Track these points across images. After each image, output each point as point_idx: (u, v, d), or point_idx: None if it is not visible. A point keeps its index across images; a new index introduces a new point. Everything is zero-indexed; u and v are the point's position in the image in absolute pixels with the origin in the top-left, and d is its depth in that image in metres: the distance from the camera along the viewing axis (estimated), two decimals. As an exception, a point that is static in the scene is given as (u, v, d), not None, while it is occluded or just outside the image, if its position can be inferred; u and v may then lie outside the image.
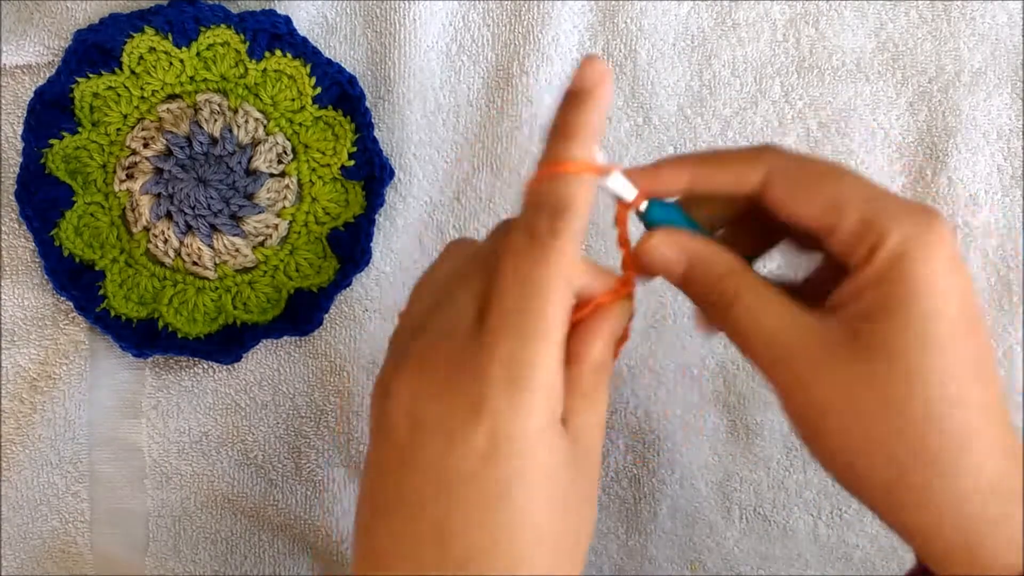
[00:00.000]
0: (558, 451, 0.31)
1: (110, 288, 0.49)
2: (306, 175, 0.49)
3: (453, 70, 0.51)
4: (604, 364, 0.33)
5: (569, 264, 0.30)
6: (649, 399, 0.51)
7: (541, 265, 0.30)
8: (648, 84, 0.51)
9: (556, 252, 0.30)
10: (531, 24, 0.50)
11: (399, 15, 0.50)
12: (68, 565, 0.50)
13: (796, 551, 0.52)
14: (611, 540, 0.52)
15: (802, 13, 0.51)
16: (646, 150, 0.51)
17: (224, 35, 0.49)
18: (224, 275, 0.49)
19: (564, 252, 0.30)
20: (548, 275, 0.30)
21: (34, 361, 0.50)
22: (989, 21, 0.51)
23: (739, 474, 0.52)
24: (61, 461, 0.50)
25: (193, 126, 0.48)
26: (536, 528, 0.30)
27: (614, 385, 0.51)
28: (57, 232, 0.48)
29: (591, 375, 0.32)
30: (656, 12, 0.51)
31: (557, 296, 0.30)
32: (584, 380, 0.32)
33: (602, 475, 0.51)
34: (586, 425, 0.32)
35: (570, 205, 0.31)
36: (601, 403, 0.33)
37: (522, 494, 0.30)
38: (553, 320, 0.30)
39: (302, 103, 0.49)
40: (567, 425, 0.32)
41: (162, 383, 0.50)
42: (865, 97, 0.51)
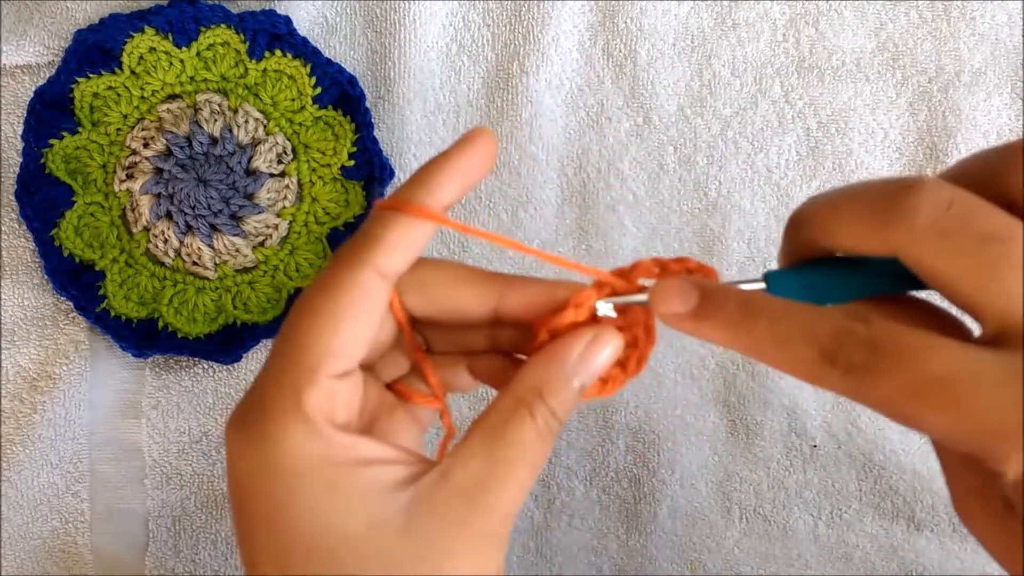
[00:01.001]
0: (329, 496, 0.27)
1: (110, 288, 0.49)
2: (306, 175, 0.49)
3: (453, 70, 0.51)
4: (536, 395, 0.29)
5: (348, 291, 0.28)
6: (649, 399, 0.51)
7: (312, 289, 0.29)
8: (648, 84, 0.51)
9: (331, 278, 0.29)
10: (531, 24, 0.50)
11: (399, 15, 0.50)
12: (68, 565, 0.50)
13: (796, 551, 0.52)
14: (611, 540, 0.52)
15: (802, 13, 0.51)
16: (646, 150, 0.51)
17: (224, 35, 0.49)
18: (224, 275, 0.49)
19: (338, 279, 0.28)
20: (312, 299, 0.29)
21: (34, 361, 0.50)
22: (989, 21, 0.51)
23: (739, 474, 0.52)
24: (61, 461, 0.50)
25: (193, 126, 0.48)
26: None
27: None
28: (57, 232, 0.48)
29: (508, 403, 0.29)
30: (656, 12, 0.51)
31: (317, 322, 0.28)
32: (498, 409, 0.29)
33: (602, 475, 0.51)
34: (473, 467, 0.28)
35: (367, 235, 0.29)
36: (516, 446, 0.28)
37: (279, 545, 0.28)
38: (305, 350, 0.28)
39: (302, 103, 0.49)
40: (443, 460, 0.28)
41: (162, 383, 0.50)
42: (865, 97, 0.51)
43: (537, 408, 0.29)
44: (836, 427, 0.52)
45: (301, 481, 0.28)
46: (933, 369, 0.25)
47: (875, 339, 0.26)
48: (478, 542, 0.27)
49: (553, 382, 0.29)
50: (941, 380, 0.25)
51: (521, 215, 0.51)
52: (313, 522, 0.27)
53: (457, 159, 0.30)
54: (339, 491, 0.28)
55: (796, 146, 0.51)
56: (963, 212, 0.26)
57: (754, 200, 0.51)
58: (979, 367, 0.25)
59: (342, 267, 0.29)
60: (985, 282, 0.25)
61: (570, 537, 0.51)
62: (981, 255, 0.25)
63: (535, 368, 0.30)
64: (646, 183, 0.51)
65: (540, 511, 0.51)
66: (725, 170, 0.51)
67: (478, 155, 0.30)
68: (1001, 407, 0.24)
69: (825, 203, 0.28)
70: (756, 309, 0.27)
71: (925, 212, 0.26)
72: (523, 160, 0.51)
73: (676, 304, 0.28)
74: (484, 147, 0.30)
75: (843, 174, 0.51)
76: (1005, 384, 0.24)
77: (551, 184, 0.51)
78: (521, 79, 0.51)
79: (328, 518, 0.27)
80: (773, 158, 0.51)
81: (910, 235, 0.26)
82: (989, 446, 0.25)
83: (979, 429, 0.25)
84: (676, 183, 0.51)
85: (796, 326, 0.27)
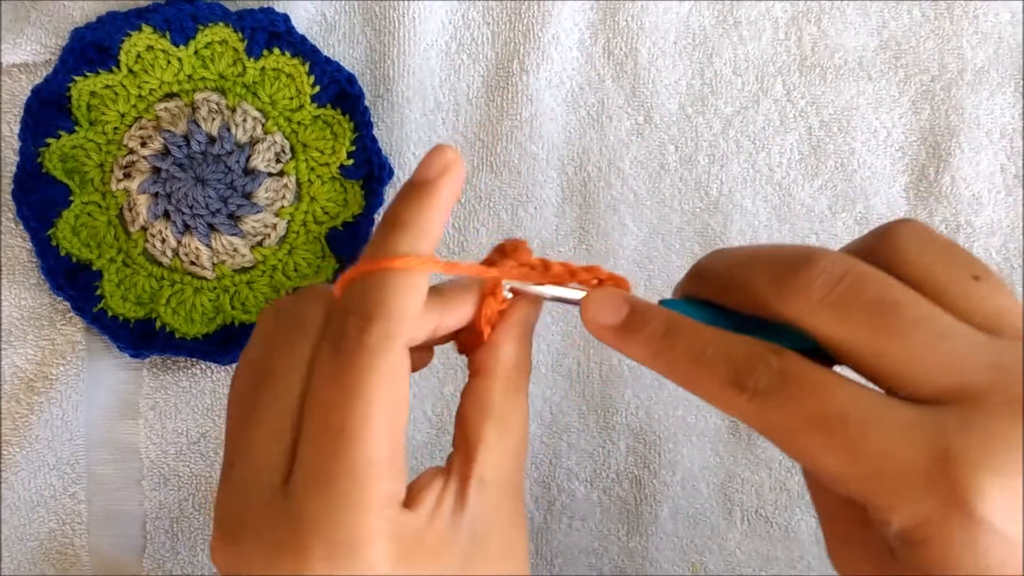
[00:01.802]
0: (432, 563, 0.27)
1: (107, 288, 0.48)
2: (304, 174, 0.49)
3: (453, 68, 0.51)
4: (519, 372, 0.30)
5: (390, 381, 0.26)
6: (650, 400, 0.51)
7: (350, 394, 0.26)
8: (649, 83, 0.51)
9: (368, 371, 0.26)
10: (531, 22, 0.50)
11: (398, 13, 0.50)
12: (65, 566, 0.50)
13: (798, 553, 0.51)
14: (612, 542, 0.51)
15: (804, 11, 0.51)
16: (647, 149, 0.51)
17: (222, 33, 0.48)
18: (222, 275, 0.49)
19: (378, 369, 0.26)
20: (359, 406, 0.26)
21: (31, 361, 0.49)
22: (992, 19, 0.51)
23: (741, 475, 0.51)
24: (58, 462, 0.50)
25: (191, 125, 0.48)
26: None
27: (615, 386, 0.51)
28: (54, 232, 0.48)
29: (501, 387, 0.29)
30: (657, 10, 0.51)
31: (375, 428, 0.26)
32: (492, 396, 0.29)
33: (603, 477, 0.51)
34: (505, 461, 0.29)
35: (387, 308, 0.26)
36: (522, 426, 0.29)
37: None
38: (373, 460, 0.26)
39: (300, 102, 0.49)
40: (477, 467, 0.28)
41: (160, 384, 0.50)
42: (867, 96, 0.51)
43: (523, 383, 0.30)
44: (838, 428, 0.51)
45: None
46: (836, 404, 0.25)
47: (785, 368, 0.26)
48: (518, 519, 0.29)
49: (526, 356, 0.31)
50: (841, 416, 0.25)
51: (521, 214, 0.51)
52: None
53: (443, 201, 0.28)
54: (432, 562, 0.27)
55: (798, 145, 0.51)
56: (855, 282, 0.26)
57: (756, 199, 0.51)
58: (886, 412, 0.25)
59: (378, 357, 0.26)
60: (882, 348, 0.26)
61: (571, 539, 0.51)
62: (875, 322, 0.26)
63: (509, 345, 0.30)
64: (647, 182, 0.51)
65: (540, 513, 0.51)
66: (727, 169, 0.51)
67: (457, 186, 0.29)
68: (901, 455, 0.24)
69: (728, 264, 0.29)
70: (679, 328, 0.28)
71: (819, 283, 0.26)
72: (523, 159, 0.51)
73: (608, 316, 0.29)
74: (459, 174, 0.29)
75: (845, 173, 0.51)
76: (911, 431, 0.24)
77: (551, 183, 0.51)
78: (521, 78, 0.50)
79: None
80: (775, 157, 0.51)
81: (806, 306, 0.26)
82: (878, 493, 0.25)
83: (872, 474, 0.25)
84: (677, 182, 0.51)
85: (714, 347, 0.27)
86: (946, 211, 0.51)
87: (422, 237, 0.28)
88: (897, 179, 0.51)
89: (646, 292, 0.51)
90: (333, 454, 0.26)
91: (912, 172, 0.51)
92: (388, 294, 0.26)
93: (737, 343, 0.27)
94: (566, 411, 0.51)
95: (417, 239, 0.27)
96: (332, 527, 0.25)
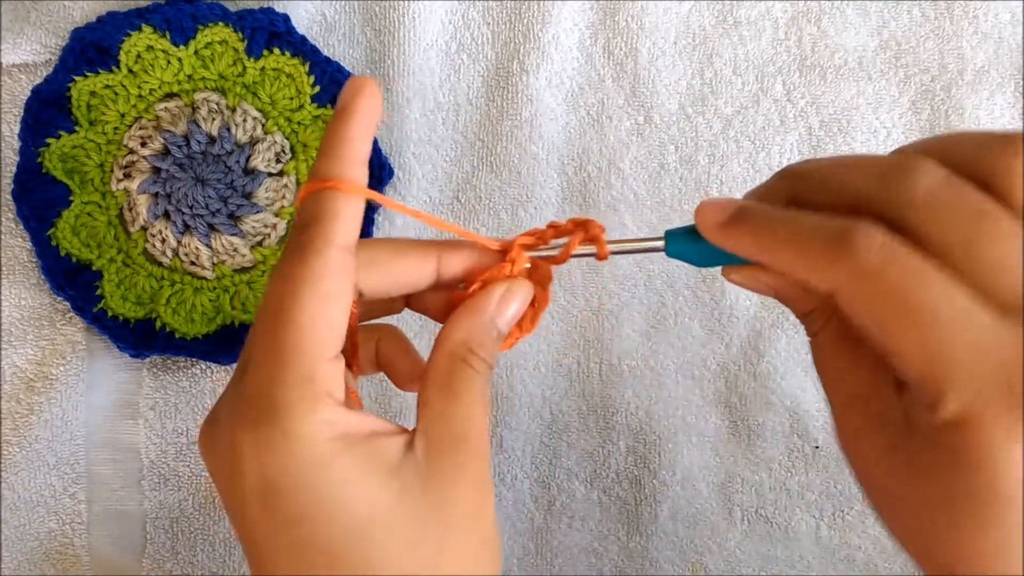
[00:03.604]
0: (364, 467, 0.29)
1: (107, 288, 0.48)
2: (304, 174, 0.49)
3: (453, 68, 0.51)
4: (466, 348, 0.32)
5: (322, 275, 0.29)
6: (650, 400, 0.51)
7: (287, 280, 0.29)
8: (649, 82, 0.51)
9: (304, 264, 0.29)
10: (531, 22, 0.50)
11: (398, 13, 0.50)
12: (65, 566, 0.50)
13: (798, 553, 0.51)
14: (612, 542, 0.51)
15: (804, 11, 0.51)
16: (647, 149, 0.51)
17: (222, 33, 0.48)
18: (222, 275, 0.49)
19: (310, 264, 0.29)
20: (293, 289, 0.29)
21: (31, 361, 0.49)
22: (992, 20, 0.51)
23: (741, 475, 0.51)
24: (58, 462, 0.50)
25: (191, 125, 0.48)
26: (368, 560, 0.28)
27: (615, 386, 0.51)
28: (54, 232, 0.48)
29: (446, 361, 0.31)
30: (657, 10, 0.51)
31: (306, 309, 0.29)
32: (438, 367, 0.31)
33: (603, 477, 0.51)
34: (445, 421, 0.31)
35: (321, 216, 0.30)
36: (467, 394, 0.31)
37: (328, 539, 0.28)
38: (302, 331, 0.29)
39: (300, 102, 0.49)
40: (420, 423, 0.30)
41: (159, 384, 0.50)
42: (867, 96, 0.51)
43: (470, 359, 0.32)
44: (838, 428, 0.51)
45: (331, 468, 0.28)
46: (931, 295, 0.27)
47: (888, 245, 0.27)
48: (477, 482, 0.30)
49: (477, 333, 0.32)
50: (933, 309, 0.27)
51: (521, 214, 0.51)
52: (349, 505, 0.28)
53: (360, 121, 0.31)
54: (366, 468, 0.29)
55: (798, 145, 0.51)
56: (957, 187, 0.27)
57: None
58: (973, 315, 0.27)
59: (312, 250, 0.30)
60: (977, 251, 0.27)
61: (570, 539, 0.51)
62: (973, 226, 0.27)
63: (460, 322, 0.32)
64: (647, 182, 0.51)
65: (540, 513, 0.51)
66: (726, 169, 0.51)
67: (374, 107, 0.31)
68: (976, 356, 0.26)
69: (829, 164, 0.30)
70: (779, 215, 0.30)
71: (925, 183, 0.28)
72: (523, 159, 0.51)
73: (717, 214, 0.31)
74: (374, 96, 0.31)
75: (845, 173, 0.51)
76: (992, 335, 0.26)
77: (551, 183, 0.51)
78: (521, 78, 0.50)
79: (360, 497, 0.28)
80: (775, 157, 0.51)
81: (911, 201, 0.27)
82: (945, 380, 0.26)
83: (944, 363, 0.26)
84: (677, 182, 0.51)
85: (814, 221, 0.28)
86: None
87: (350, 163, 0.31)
88: (897, 179, 0.51)
89: (646, 292, 0.51)
90: (268, 333, 0.29)
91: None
92: (314, 206, 0.30)
93: (836, 220, 0.28)
94: (566, 411, 0.51)
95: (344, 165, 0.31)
96: (263, 397, 0.28)
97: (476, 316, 0.32)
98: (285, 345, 0.29)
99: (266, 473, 0.28)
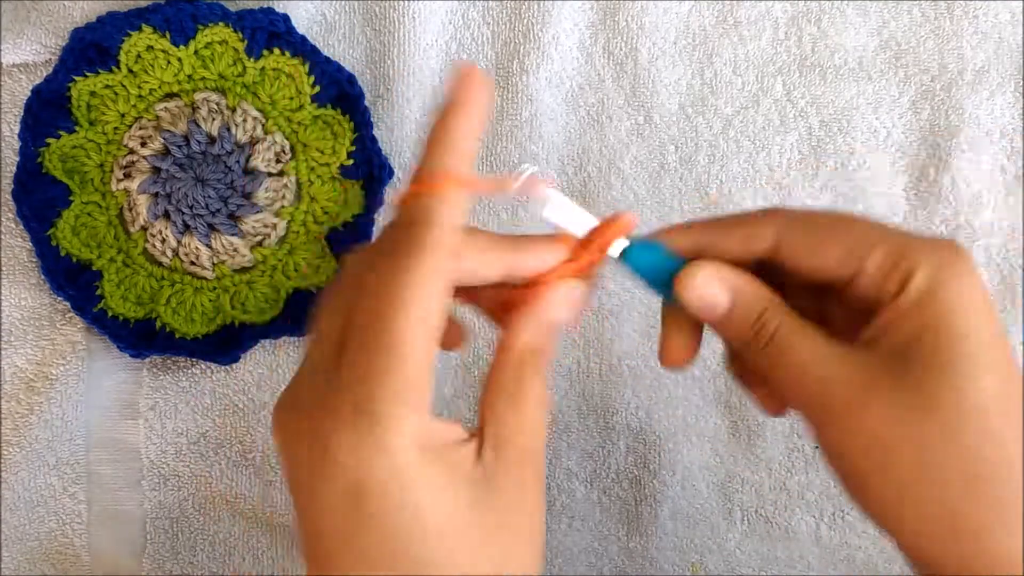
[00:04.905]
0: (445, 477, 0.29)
1: (107, 288, 0.48)
2: (304, 174, 0.49)
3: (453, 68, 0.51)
4: (534, 353, 0.32)
5: (434, 278, 0.29)
6: (650, 400, 0.51)
7: (395, 276, 0.29)
8: (649, 83, 0.51)
9: (412, 266, 0.29)
10: (531, 22, 0.50)
11: (398, 13, 0.50)
12: (65, 566, 0.50)
13: (798, 553, 0.51)
14: (612, 542, 0.51)
15: (804, 11, 0.51)
16: (647, 149, 0.51)
17: (222, 33, 0.48)
18: (222, 275, 0.49)
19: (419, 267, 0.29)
20: (399, 291, 0.29)
21: (31, 362, 0.49)
22: (992, 19, 0.51)
23: (741, 475, 0.51)
24: (58, 462, 0.50)
25: (191, 125, 0.48)
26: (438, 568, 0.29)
27: (615, 386, 0.51)
28: (54, 232, 0.48)
29: (513, 367, 0.31)
30: (657, 10, 0.51)
31: (412, 316, 0.29)
32: (505, 372, 0.31)
33: (603, 477, 0.51)
34: (513, 431, 0.31)
35: (431, 218, 0.30)
36: (533, 400, 0.31)
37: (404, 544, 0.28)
38: (407, 335, 0.28)
39: (300, 102, 0.49)
40: (484, 434, 0.31)
41: (159, 384, 0.50)
42: (867, 96, 0.51)
43: (539, 365, 0.32)
44: (838, 428, 0.51)
45: (419, 476, 0.29)
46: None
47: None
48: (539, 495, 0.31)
49: (542, 337, 0.33)
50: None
51: (521, 214, 0.51)
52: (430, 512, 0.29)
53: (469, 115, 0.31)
54: (449, 478, 0.29)
55: (798, 145, 0.51)
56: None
57: (756, 199, 0.51)
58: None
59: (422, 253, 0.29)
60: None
61: (571, 539, 0.51)
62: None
63: (526, 326, 0.32)
64: (647, 182, 0.51)
65: (540, 513, 0.51)
66: (726, 169, 0.51)
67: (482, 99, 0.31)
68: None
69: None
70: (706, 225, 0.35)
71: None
72: (523, 159, 0.51)
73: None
74: (483, 87, 0.31)
75: (845, 173, 0.51)
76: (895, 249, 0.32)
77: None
78: (521, 78, 0.50)
79: (439, 505, 0.29)
80: (775, 157, 0.51)
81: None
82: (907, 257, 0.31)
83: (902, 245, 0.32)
84: (677, 182, 0.51)
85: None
86: (946, 211, 0.51)
87: (459, 158, 0.31)
88: (897, 179, 0.51)
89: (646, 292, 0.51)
90: (371, 332, 0.29)
91: (912, 172, 0.51)
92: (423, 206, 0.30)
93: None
94: (566, 411, 0.51)
95: (452, 159, 0.30)
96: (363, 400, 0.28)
97: (540, 318, 0.32)
98: (390, 350, 0.28)
99: (359, 474, 0.28)
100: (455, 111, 0.31)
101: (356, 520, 0.28)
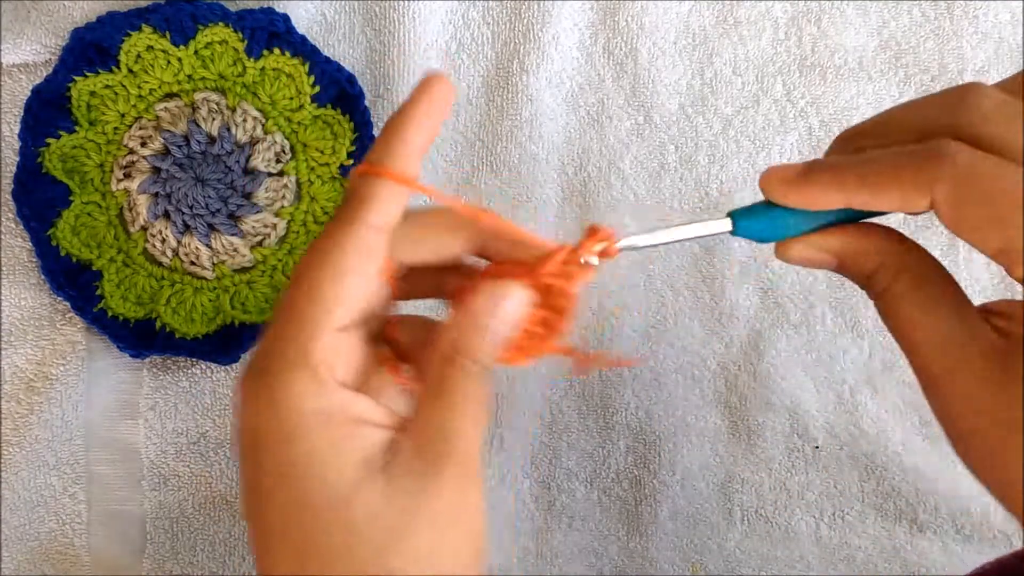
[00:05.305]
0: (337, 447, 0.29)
1: (107, 288, 0.48)
2: (304, 174, 0.49)
3: (453, 68, 0.51)
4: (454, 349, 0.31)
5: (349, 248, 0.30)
6: (650, 400, 0.51)
7: (314, 250, 0.31)
8: (649, 82, 0.51)
9: (330, 236, 0.30)
10: (531, 22, 0.50)
11: (398, 13, 0.50)
12: (65, 567, 0.50)
13: (798, 553, 0.51)
14: (611, 542, 0.51)
15: (804, 11, 0.51)
16: (647, 149, 0.51)
17: (222, 33, 0.48)
18: (222, 275, 0.49)
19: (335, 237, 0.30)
20: (315, 259, 0.30)
21: (31, 361, 0.49)
22: (992, 20, 0.51)
23: (740, 475, 0.51)
24: (58, 462, 0.50)
25: (191, 125, 0.48)
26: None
27: (615, 386, 0.51)
28: (54, 232, 0.48)
29: (435, 363, 0.31)
30: (657, 10, 0.51)
31: (317, 279, 0.30)
32: (430, 367, 0.31)
33: (603, 477, 0.51)
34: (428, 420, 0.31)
35: (358, 196, 0.31)
36: (453, 395, 0.31)
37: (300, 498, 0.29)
38: (307, 307, 0.30)
39: (300, 102, 0.49)
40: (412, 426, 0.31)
41: (160, 384, 0.50)
42: (867, 96, 0.51)
43: (459, 362, 0.31)
44: (838, 428, 0.51)
45: (306, 436, 0.29)
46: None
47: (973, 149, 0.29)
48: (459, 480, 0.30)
49: (467, 337, 0.32)
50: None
51: (521, 214, 0.51)
52: (310, 478, 0.29)
53: (422, 114, 0.32)
54: (338, 449, 0.29)
55: (798, 145, 0.51)
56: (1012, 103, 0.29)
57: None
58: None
59: (340, 226, 0.31)
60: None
61: (570, 539, 0.51)
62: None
63: (452, 326, 0.32)
64: (647, 182, 0.51)
65: (540, 513, 0.51)
66: (726, 169, 0.51)
67: (440, 104, 0.32)
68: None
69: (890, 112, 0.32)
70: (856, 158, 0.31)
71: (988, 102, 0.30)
72: (523, 159, 0.51)
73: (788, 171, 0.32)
74: (443, 94, 0.32)
75: (845, 173, 0.51)
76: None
77: (551, 183, 0.51)
78: (521, 78, 0.50)
79: (324, 475, 0.29)
80: (775, 157, 0.51)
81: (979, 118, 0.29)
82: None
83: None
84: (677, 182, 0.51)
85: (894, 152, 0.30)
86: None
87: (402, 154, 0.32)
88: (897, 179, 0.51)
89: (646, 292, 0.51)
90: (284, 296, 0.31)
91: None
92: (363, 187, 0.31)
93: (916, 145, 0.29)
94: (566, 411, 0.51)
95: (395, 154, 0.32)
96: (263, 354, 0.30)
97: (466, 316, 0.32)
98: (293, 310, 0.30)
99: (254, 425, 0.30)
100: (413, 107, 0.32)
101: (262, 471, 0.30)
